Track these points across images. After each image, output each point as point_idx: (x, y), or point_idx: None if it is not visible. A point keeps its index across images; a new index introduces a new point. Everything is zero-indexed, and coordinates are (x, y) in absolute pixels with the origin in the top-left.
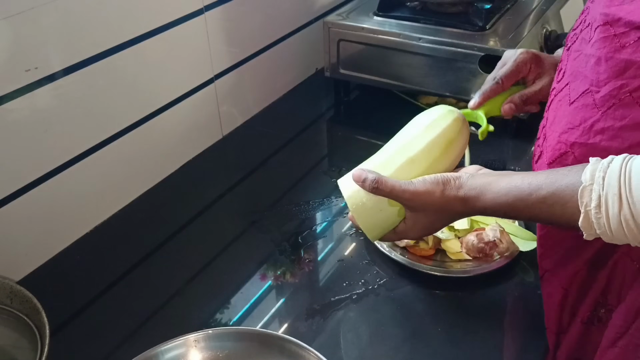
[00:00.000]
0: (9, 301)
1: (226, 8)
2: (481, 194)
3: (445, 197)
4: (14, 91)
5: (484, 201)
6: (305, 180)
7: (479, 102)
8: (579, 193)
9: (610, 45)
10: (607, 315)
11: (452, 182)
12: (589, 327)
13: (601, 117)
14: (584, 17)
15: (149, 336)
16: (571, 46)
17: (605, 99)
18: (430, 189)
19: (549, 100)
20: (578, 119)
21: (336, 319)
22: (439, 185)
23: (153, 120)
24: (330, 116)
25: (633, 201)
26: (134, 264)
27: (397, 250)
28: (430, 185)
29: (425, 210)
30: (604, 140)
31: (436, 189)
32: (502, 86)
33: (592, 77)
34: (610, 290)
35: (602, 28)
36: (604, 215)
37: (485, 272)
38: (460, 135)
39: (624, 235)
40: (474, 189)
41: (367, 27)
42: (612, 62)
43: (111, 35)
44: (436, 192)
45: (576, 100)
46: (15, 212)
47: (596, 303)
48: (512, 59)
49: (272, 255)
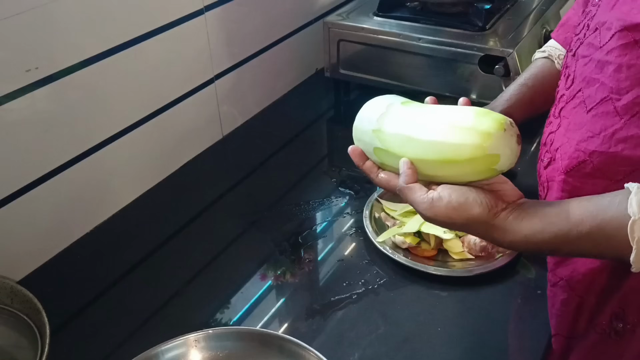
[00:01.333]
0: (9, 301)
1: (226, 8)
2: (508, 232)
3: (473, 218)
4: (14, 91)
5: (511, 239)
6: (305, 180)
7: None
8: (629, 228)
9: (631, 52)
10: (624, 328)
11: (485, 208)
12: (605, 338)
13: (624, 125)
14: (586, 22)
15: (149, 336)
16: (576, 51)
17: (628, 107)
18: (464, 207)
19: (556, 106)
20: (598, 127)
21: (336, 319)
22: (473, 210)
23: (153, 121)
24: (330, 116)
25: None
26: (134, 264)
27: (400, 252)
28: (471, 204)
29: (439, 215)
30: (627, 149)
31: (473, 208)
32: None
33: (611, 85)
34: (629, 301)
35: (620, 34)
36: None
37: (488, 271)
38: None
39: None
40: (502, 224)
41: (367, 27)
42: (635, 69)
43: (111, 35)
44: (473, 211)
45: (594, 107)
46: (15, 212)
47: (613, 314)
48: None
49: (272, 255)
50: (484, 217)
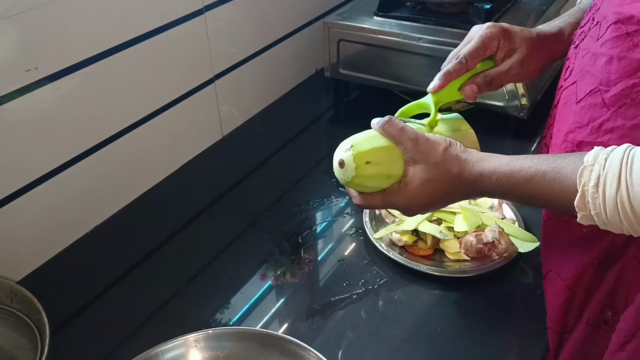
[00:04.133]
0: (9, 301)
1: (226, 8)
2: (482, 160)
3: (448, 152)
4: (14, 91)
5: (482, 167)
6: (305, 180)
7: (440, 85)
8: (579, 172)
9: (623, 44)
10: (613, 318)
11: (459, 145)
12: (595, 329)
13: (611, 116)
14: (592, 14)
15: (149, 336)
16: (579, 44)
17: (615, 98)
18: (438, 140)
19: (556, 99)
20: (586, 119)
21: (336, 319)
22: (445, 142)
23: (153, 120)
24: (330, 116)
25: (632, 182)
26: (134, 264)
27: (396, 250)
28: (439, 137)
29: (424, 162)
30: (613, 139)
31: (442, 142)
32: (466, 66)
33: (601, 76)
34: (618, 293)
35: (614, 26)
36: (601, 195)
37: (484, 272)
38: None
39: (618, 219)
40: (477, 155)
41: (367, 27)
42: (625, 61)
43: (111, 35)
44: (442, 145)
45: (583, 99)
46: (15, 212)
47: (603, 305)
48: (478, 34)
49: (272, 255)
50: (454, 149)
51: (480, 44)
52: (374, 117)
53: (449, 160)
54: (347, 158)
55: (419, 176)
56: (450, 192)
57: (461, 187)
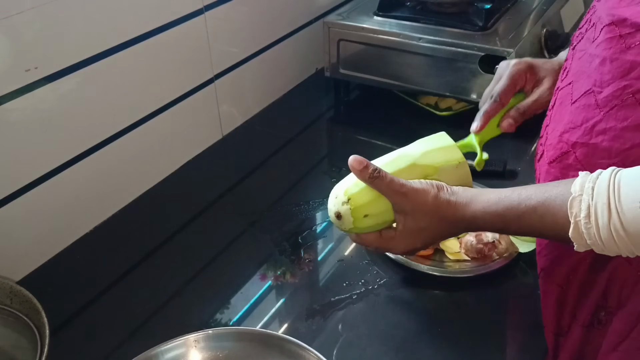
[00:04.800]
0: (9, 301)
1: (226, 8)
2: (471, 202)
3: (438, 200)
4: (14, 91)
5: (473, 210)
6: (305, 180)
7: (482, 125)
8: (569, 203)
9: (616, 46)
10: (607, 318)
11: (446, 189)
12: (589, 330)
13: (603, 117)
14: (589, 16)
15: (149, 336)
16: (576, 45)
17: (608, 100)
18: (425, 189)
19: (553, 99)
20: (580, 119)
21: (336, 319)
22: (434, 188)
23: (153, 120)
24: (330, 116)
25: (622, 210)
26: (134, 264)
27: None
28: (426, 185)
29: (415, 213)
30: (606, 140)
31: (431, 190)
32: (501, 103)
33: (595, 77)
34: (611, 293)
35: (607, 28)
36: (594, 225)
37: (484, 272)
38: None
39: (614, 245)
40: (465, 197)
41: (367, 27)
42: (617, 63)
43: (111, 35)
44: (430, 193)
45: (577, 100)
46: (15, 212)
47: (597, 306)
48: (506, 72)
49: (272, 255)
50: (443, 194)
51: (510, 81)
52: (374, 117)
53: (440, 207)
54: (345, 212)
55: (412, 226)
56: (447, 232)
57: (457, 227)
